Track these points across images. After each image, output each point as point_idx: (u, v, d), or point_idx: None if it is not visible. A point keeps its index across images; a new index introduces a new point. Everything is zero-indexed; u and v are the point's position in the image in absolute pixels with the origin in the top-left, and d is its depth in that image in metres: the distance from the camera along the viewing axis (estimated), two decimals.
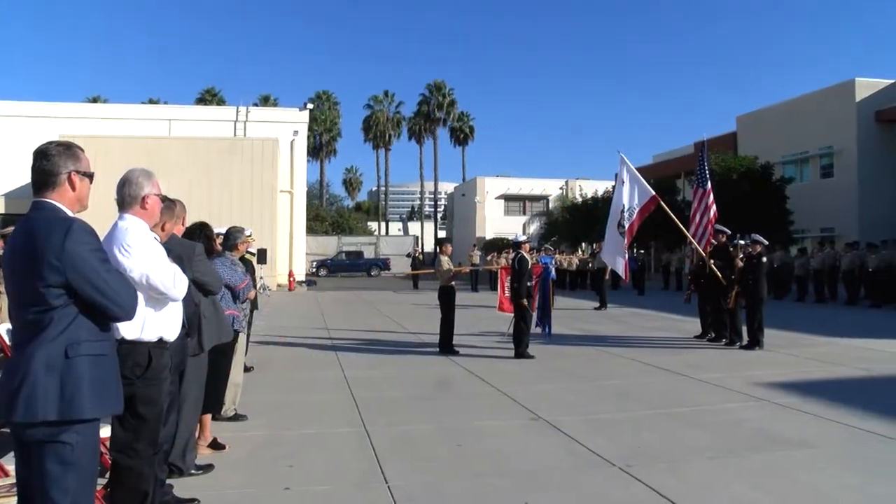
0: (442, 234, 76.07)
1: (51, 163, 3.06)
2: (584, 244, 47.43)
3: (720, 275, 12.94)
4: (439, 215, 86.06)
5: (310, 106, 41.54)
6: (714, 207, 13.97)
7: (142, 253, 3.63)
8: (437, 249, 13.05)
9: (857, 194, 35.93)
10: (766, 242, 13.22)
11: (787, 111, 40.74)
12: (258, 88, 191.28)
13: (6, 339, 5.04)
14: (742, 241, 13.28)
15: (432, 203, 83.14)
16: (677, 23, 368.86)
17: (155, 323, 3.78)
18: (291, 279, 33.36)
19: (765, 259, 12.87)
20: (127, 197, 3.81)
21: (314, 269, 49.90)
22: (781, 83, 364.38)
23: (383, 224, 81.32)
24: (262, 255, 25.52)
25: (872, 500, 4.92)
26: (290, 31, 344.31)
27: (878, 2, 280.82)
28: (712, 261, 13.19)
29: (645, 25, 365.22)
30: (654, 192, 13.55)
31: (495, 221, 63.13)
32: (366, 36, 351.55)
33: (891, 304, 20.51)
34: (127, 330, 3.63)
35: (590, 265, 29.14)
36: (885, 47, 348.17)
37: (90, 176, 3.20)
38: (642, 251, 32.15)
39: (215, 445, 5.96)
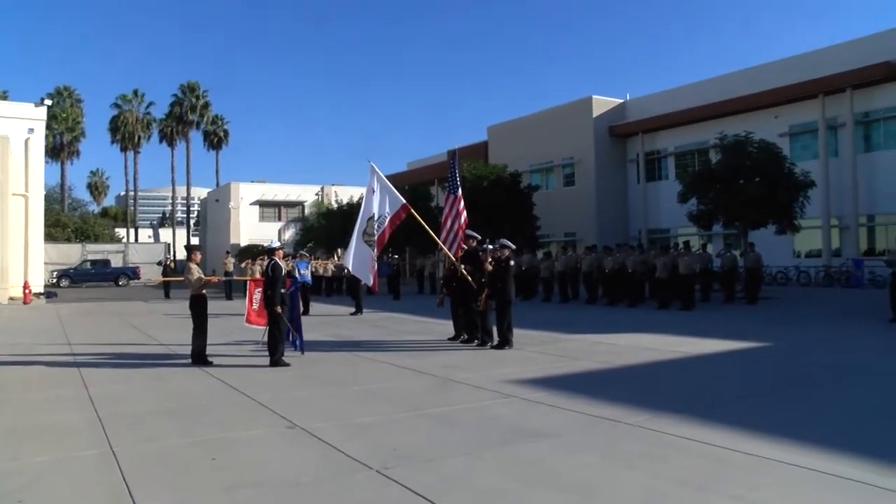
0: (195, 240, 73.71)
1: None
2: (340, 250, 47.66)
3: (470, 278, 13.49)
4: (192, 221, 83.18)
5: (48, 102, 38.46)
6: (465, 214, 14.55)
7: None
8: (187, 257, 12.54)
9: (595, 201, 39.06)
10: (514, 247, 13.94)
11: (534, 123, 43.43)
12: None
13: None
14: (491, 246, 13.88)
15: (185, 209, 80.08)
16: (434, 35, 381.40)
17: None
18: (27, 291, 30.80)
19: (512, 262, 13.56)
20: None
21: (55, 280, 46.92)
22: (532, 95, 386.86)
23: (132, 231, 77.91)
24: None
25: (601, 475, 5.44)
26: (27, 18, 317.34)
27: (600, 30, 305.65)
28: (463, 265, 13.72)
29: (404, 33, 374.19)
30: (404, 201, 13.87)
31: (250, 228, 62.07)
32: (112, 28, 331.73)
33: (624, 301, 22.45)
34: None
35: (346, 271, 29.33)
36: (616, 69, 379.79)
37: None
38: (396, 256, 32.82)
39: None
